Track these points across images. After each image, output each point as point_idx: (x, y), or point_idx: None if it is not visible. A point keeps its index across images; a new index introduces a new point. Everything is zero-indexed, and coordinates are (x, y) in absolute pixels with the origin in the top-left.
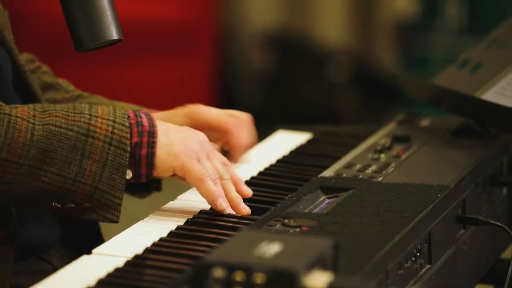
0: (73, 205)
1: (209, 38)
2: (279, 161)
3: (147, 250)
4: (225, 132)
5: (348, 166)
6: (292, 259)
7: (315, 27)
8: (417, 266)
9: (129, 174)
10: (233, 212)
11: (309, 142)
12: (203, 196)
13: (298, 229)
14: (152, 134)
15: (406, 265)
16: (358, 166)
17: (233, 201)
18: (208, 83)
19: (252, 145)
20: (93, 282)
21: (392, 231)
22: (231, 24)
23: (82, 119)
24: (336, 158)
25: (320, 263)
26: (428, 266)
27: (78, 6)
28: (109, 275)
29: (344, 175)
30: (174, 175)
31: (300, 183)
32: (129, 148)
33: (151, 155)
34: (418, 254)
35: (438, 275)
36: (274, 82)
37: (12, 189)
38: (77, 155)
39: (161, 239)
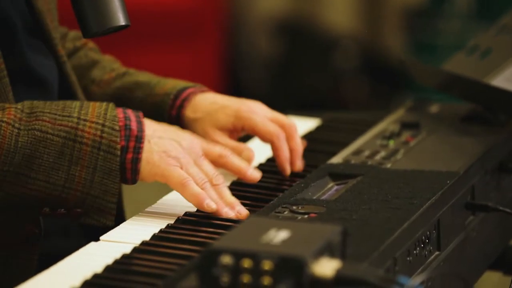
0: (64, 211)
1: (217, 25)
2: None
3: (154, 237)
4: (270, 143)
5: (357, 152)
6: (300, 246)
7: (323, 13)
8: (426, 253)
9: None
10: (231, 215)
11: (317, 128)
12: (188, 200)
13: (306, 216)
14: (139, 139)
15: (415, 252)
16: (366, 153)
17: (229, 205)
18: (216, 70)
19: (300, 152)
20: (100, 269)
21: (400, 218)
22: (238, 11)
23: (70, 124)
24: (345, 144)
25: (328, 250)
26: (437, 253)
27: None
28: (117, 262)
29: (352, 161)
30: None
31: (309, 170)
32: (118, 152)
33: (136, 160)
34: (427, 241)
35: (446, 262)
36: (281, 69)
37: None
38: (65, 161)
39: (168, 226)
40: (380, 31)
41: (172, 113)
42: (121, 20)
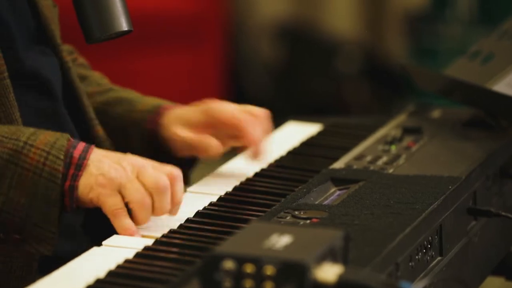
0: (2, 236)
1: (218, 29)
2: (289, 152)
3: (157, 242)
4: (237, 128)
5: (359, 157)
6: (302, 251)
7: (325, 18)
8: (428, 258)
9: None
10: None
11: (319, 133)
12: (118, 232)
13: (308, 221)
14: (79, 167)
15: (417, 257)
16: (368, 158)
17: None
18: (218, 74)
19: (266, 140)
20: (103, 274)
21: (402, 223)
22: (240, 14)
23: (14, 147)
24: (347, 149)
25: (331, 255)
26: (439, 258)
27: None
28: (119, 267)
29: (354, 166)
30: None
31: (311, 175)
32: (59, 181)
33: (73, 187)
34: (429, 246)
35: (449, 267)
36: (283, 73)
37: None
38: (4, 184)
39: (171, 231)
40: (382, 36)
41: (147, 127)
42: (124, 26)
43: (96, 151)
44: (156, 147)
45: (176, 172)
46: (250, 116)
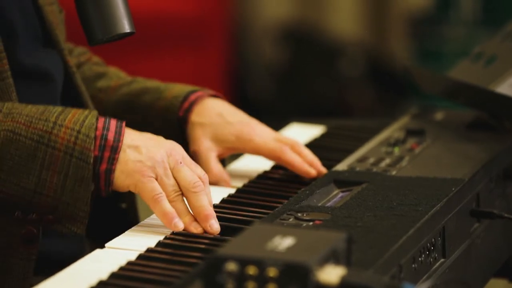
0: (35, 217)
1: (222, 31)
2: None
3: (160, 244)
4: (277, 161)
5: (362, 159)
6: (305, 253)
7: (328, 20)
8: (431, 260)
9: (91, 187)
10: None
11: (322, 135)
12: (158, 217)
13: (311, 223)
14: (115, 150)
15: (420, 259)
16: (371, 160)
17: (199, 214)
18: (221, 77)
19: (314, 159)
20: (105, 275)
21: (405, 225)
22: (244, 17)
23: (44, 127)
24: (350, 151)
25: (333, 257)
26: (442, 260)
27: (91, 0)
28: (122, 269)
29: (357, 168)
30: None
31: (314, 177)
32: (91, 160)
33: (109, 171)
34: (432, 248)
35: (452, 269)
36: (287, 76)
37: None
38: (36, 166)
39: (174, 233)
40: (385, 38)
41: (179, 114)
42: (126, 27)
43: (129, 131)
44: (183, 136)
45: (207, 177)
46: (285, 145)
